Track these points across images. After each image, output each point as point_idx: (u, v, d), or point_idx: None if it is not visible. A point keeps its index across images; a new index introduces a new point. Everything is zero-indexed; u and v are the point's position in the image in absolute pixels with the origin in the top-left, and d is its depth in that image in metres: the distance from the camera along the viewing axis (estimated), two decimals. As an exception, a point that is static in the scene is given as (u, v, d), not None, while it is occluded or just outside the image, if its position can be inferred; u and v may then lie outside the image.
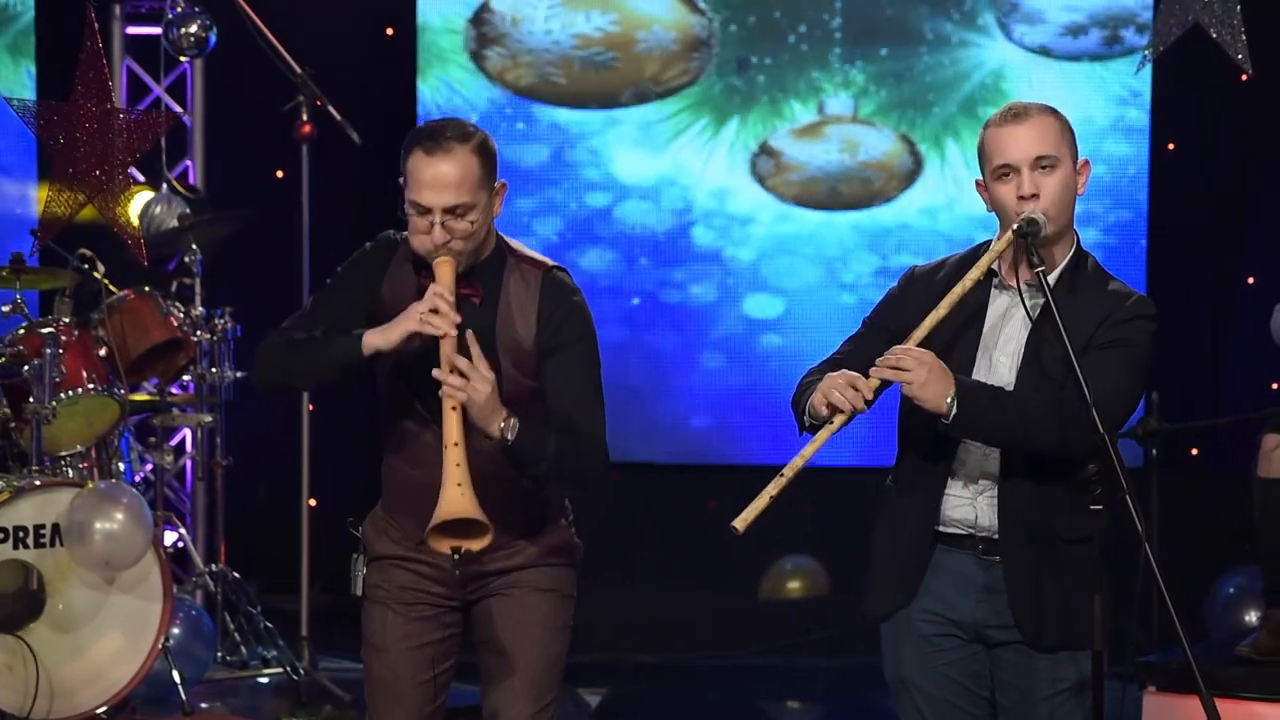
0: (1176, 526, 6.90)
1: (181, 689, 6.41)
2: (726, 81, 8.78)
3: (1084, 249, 4.07)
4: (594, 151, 8.81)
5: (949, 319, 3.92)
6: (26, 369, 6.33)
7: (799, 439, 3.94)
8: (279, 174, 8.40)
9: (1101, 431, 3.76)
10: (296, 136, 7.49)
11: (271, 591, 7.89)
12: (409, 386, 4.09)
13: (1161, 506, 6.26)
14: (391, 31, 8.87)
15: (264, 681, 7.21)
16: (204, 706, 6.67)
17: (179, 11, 7.62)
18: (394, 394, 4.15)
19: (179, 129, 8.19)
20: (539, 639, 4.17)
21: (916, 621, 4.04)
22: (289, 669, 7.09)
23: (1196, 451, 8.61)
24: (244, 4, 7.54)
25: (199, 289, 7.35)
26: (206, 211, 7.84)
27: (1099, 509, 3.79)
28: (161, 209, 7.68)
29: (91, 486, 6.13)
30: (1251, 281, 8.52)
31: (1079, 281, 4.01)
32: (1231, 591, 7.47)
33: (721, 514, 3.79)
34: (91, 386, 6.47)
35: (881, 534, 4.11)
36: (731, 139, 8.79)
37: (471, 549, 3.87)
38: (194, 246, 7.39)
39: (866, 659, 4.67)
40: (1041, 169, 3.96)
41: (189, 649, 6.66)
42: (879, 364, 3.86)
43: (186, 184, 8.23)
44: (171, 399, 7.50)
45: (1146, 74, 8.29)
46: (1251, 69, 6.29)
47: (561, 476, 4.06)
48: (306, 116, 7.47)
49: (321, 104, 7.47)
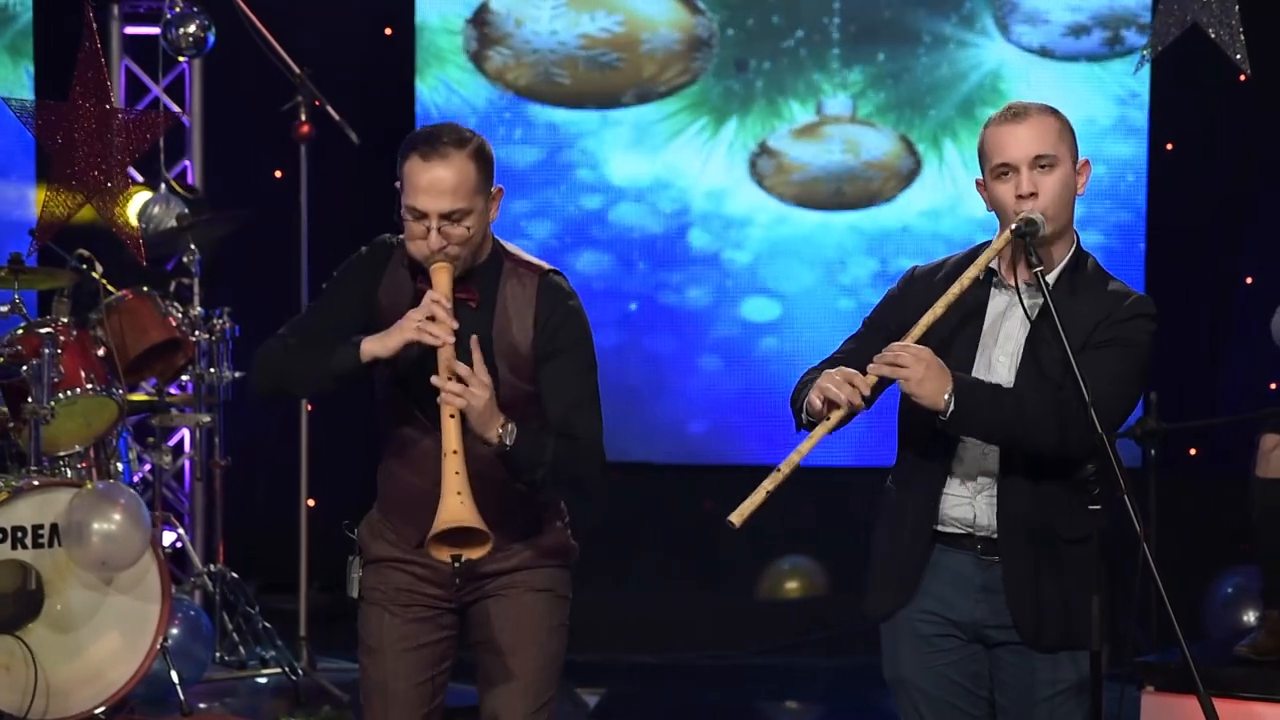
0: (1175, 527, 6.90)
1: (180, 689, 6.40)
2: (725, 82, 8.77)
3: (1084, 249, 4.07)
4: (594, 152, 8.80)
5: (947, 317, 3.92)
6: (25, 369, 6.32)
7: (797, 438, 3.93)
8: (277, 174, 8.40)
9: (1100, 431, 3.76)
10: (295, 136, 7.50)
11: (270, 591, 7.89)
12: (407, 392, 4.09)
13: (1160, 507, 6.26)
14: (390, 31, 8.87)
15: (262, 682, 7.20)
16: (202, 707, 6.67)
17: (177, 12, 7.63)
18: (391, 399, 4.14)
19: (177, 129, 8.18)
20: (535, 639, 4.17)
21: (915, 621, 4.04)
22: (287, 669, 7.09)
23: (1195, 451, 8.61)
24: (242, 4, 7.54)
25: (197, 289, 7.35)
26: (205, 211, 7.84)
27: (1097, 509, 3.79)
28: (160, 209, 7.68)
29: (90, 487, 6.12)
30: (1250, 281, 8.52)
31: (1078, 281, 4.00)
32: (1230, 591, 7.48)
33: (720, 514, 3.78)
34: (90, 387, 6.47)
35: (881, 534, 4.11)
36: (730, 139, 8.78)
37: (471, 557, 3.88)
38: (192, 246, 7.38)
39: (866, 659, 4.66)
40: (1040, 168, 3.96)
41: (187, 649, 6.65)
42: (876, 360, 3.86)
43: (185, 184, 8.23)
44: (170, 399, 7.51)
45: (1145, 74, 8.29)
46: (1250, 69, 6.29)
47: (559, 481, 4.06)
48: (305, 116, 7.47)
49: (320, 104, 7.47)
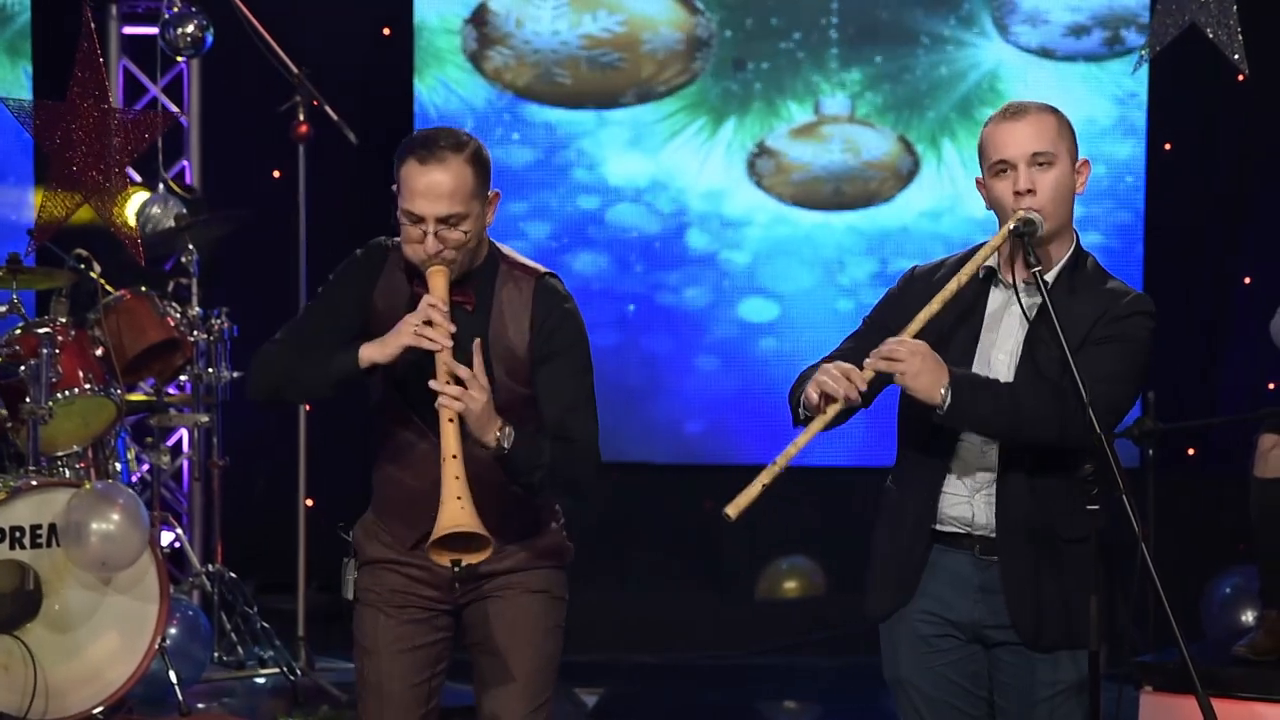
0: (1173, 527, 6.90)
1: (178, 689, 6.40)
2: (723, 82, 8.77)
3: (1084, 249, 4.06)
4: (593, 152, 8.79)
5: (944, 314, 3.92)
6: (23, 369, 6.32)
7: (794, 435, 3.93)
8: (276, 174, 8.39)
9: (1098, 432, 3.75)
10: (293, 136, 7.49)
11: (268, 591, 7.89)
12: (404, 395, 4.08)
13: (1158, 507, 6.26)
14: (388, 32, 8.87)
15: (261, 682, 7.20)
16: (201, 707, 6.67)
17: (176, 12, 7.62)
18: (388, 402, 4.14)
19: (175, 129, 8.17)
20: (532, 640, 4.17)
21: (915, 622, 4.04)
22: (286, 669, 7.09)
23: (1193, 452, 8.61)
24: (241, 4, 7.54)
25: (195, 289, 7.35)
26: (203, 211, 7.84)
27: (1096, 509, 3.79)
28: (158, 209, 7.68)
29: (88, 487, 6.12)
30: (1248, 281, 8.52)
31: (1077, 280, 4.00)
32: (1228, 592, 7.47)
33: (719, 514, 3.79)
34: (88, 387, 6.47)
35: (881, 534, 4.11)
36: (729, 139, 8.78)
37: (472, 562, 3.88)
38: (190, 246, 7.38)
39: (867, 659, 4.65)
40: (1038, 165, 3.96)
41: (185, 649, 6.65)
42: (873, 355, 3.86)
43: (183, 184, 8.22)
44: (168, 399, 7.51)
45: (1143, 74, 8.28)
46: (1248, 69, 6.29)
47: (555, 484, 4.06)
48: (303, 116, 7.47)
49: (318, 104, 7.47)
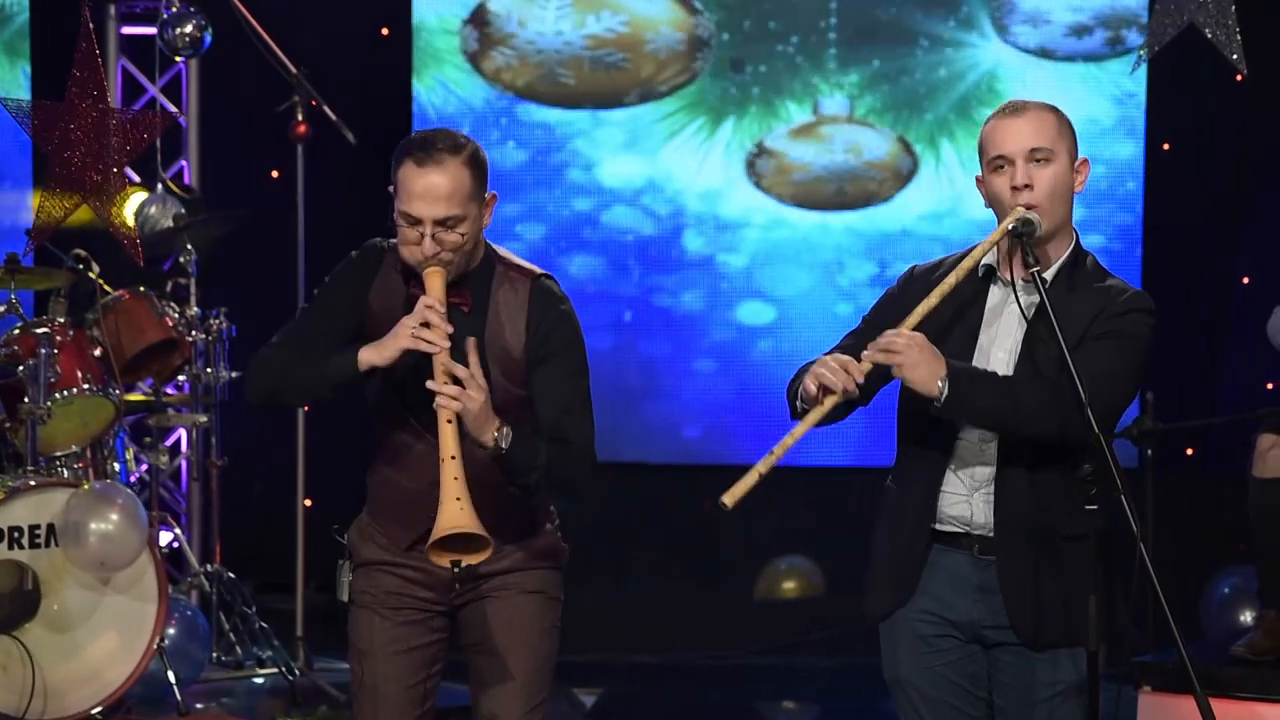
0: (1172, 527, 6.89)
1: (176, 689, 6.40)
2: (721, 82, 8.77)
3: (1083, 247, 4.06)
4: (592, 153, 8.79)
5: (942, 311, 3.93)
6: (21, 369, 6.32)
7: (792, 426, 3.92)
8: (274, 174, 8.39)
9: (1097, 431, 3.75)
10: (291, 136, 7.49)
11: (267, 591, 7.89)
12: (400, 397, 4.07)
13: (1157, 507, 6.26)
14: (387, 32, 8.87)
15: (259, 682, 7.19)
16: (199, 707, 6.67)
17: (174, 11, 7.62)
18: (385, 404, 4.13)
19: (174, 129, 8.17)
20: (528, 640, 4.16)
21: (914, 621, 4.04)
22: (284, 669, 7.08)
23: (1192, 452, 8.61)
24: (239, 4, 7.54)
25: (194, 289, 7.34)
26: (201, 211, 7.84)
27: (1094, 509, 3.79)
28: (156, 209, 7.68)
29: (87, 487, 6.12)
30: (1247, 281, 8.52)
31: (1076, 279, 4.00)
32: (1226, 591, 7.47)
33: (717, 514, 3.79)
34: (86, 387, 6.47)
35: (881, 534, 4.11)
36: (727, 139, 8.78)
37: (471, 562, 3.87)
38: (189, 246, 7.38)
39: (866, 659, 4.66)
40: (1036, 161, 3.96)
41: (184, 649, 6.65)
42: (870, 347, 3.86)
43: (181, 184, 8.22)
44: (166, 399, 7.50)
45: (1142, 74, 8.29)
46: (1247, 69, 6.29)
47: (551, 485, 4.06)
48: (301, 116, 7.46)
49: (316, 104, 7.47)
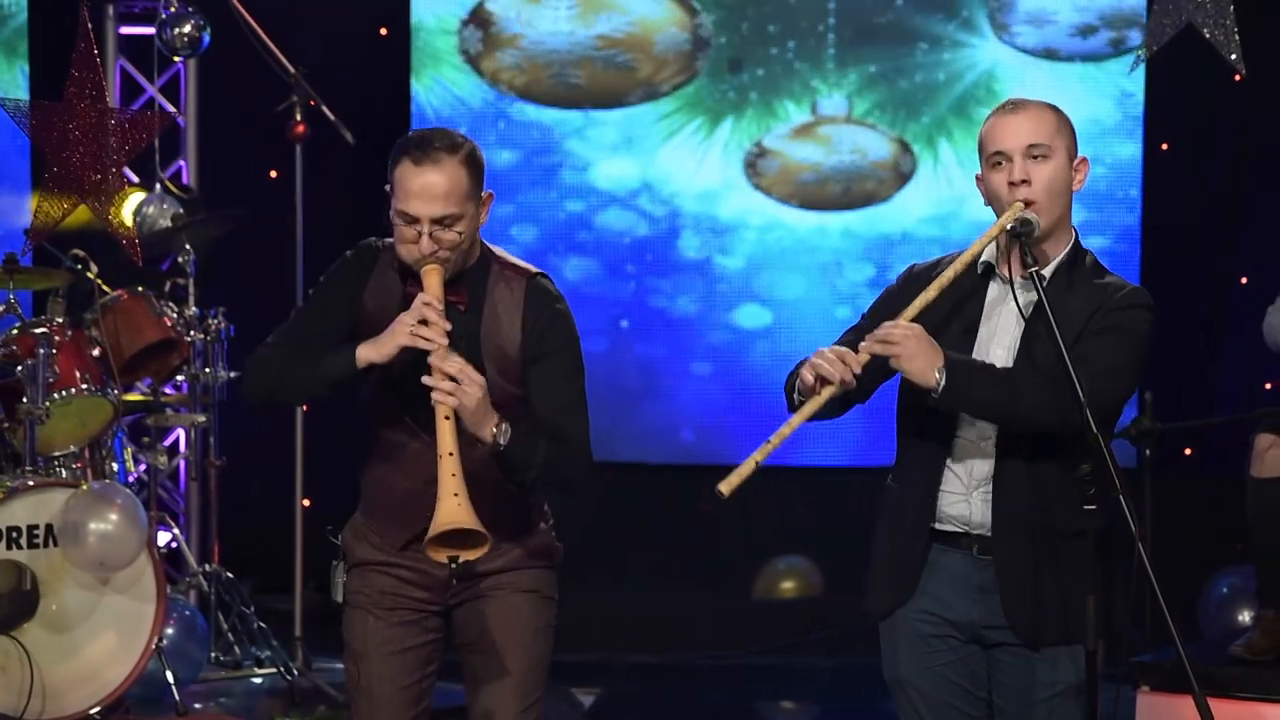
0: (1170, 526, 6.89)
1: (175, 689, 6.40)
2: (719, 83, 8.77)
3: (1083, 246, 4.06)
4: (590, 154, 8.79)
5: (942, 305, 3.93)
6: (20, 369, 6.32)
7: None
8: (272, 174, 8.39)
9: (1095, 432, 3.75)
10: (290, 136, 7.49)
11: (265, 591, 7.89)
12: (395, 394, 4.07)
13: (1155, 507, 6.26)
14: (385, 32, 8.87)
15: (258, 682, 7.19)
16: (197, 707, 6.67)
17: (172, 11, 7.62)
18: (380, 401, 4.13)
19: (172, 129, 8.17)
20: (523, 640, 4.16)
21: (914, 621, 4.04)
22: (283, 669, 7.08)
23: (1190, 452, 8.61)
24: (237, 4, 7.53)
25: (192, 289, 7.34)
26: (200, 211, 7.84)
27: (1093, 509, 3.79)
28: (155, 209, 7.68)
29: (86, 487, 6.12)
30: (1245, 281, 8.51)
31: (1075, 276, 4.01)
32: (1225, 591, 7.46)
33: (717, 514, 3.79)
34: (85, 387, 6.47)
35: (881, 533, 4.11)
36: (725, 140, 8.78)
37: (469, 558, 3.87)
38: (187, 246, 7.37)
39: (866, 659, 4.66)
40: (1034, 158, 3.96)
41: (182, 649, 6.65)
42: (868, 339, 3.87)
43: (180, 184, 8.22)
44: (165, 399, 7.50)
45: (1140, 74, 8.29)
46: (1245, 69, 6.29)
47: (549, 482, 4.06)
48: (300, 116, 7.46)
49: (315, 104, 7.46)
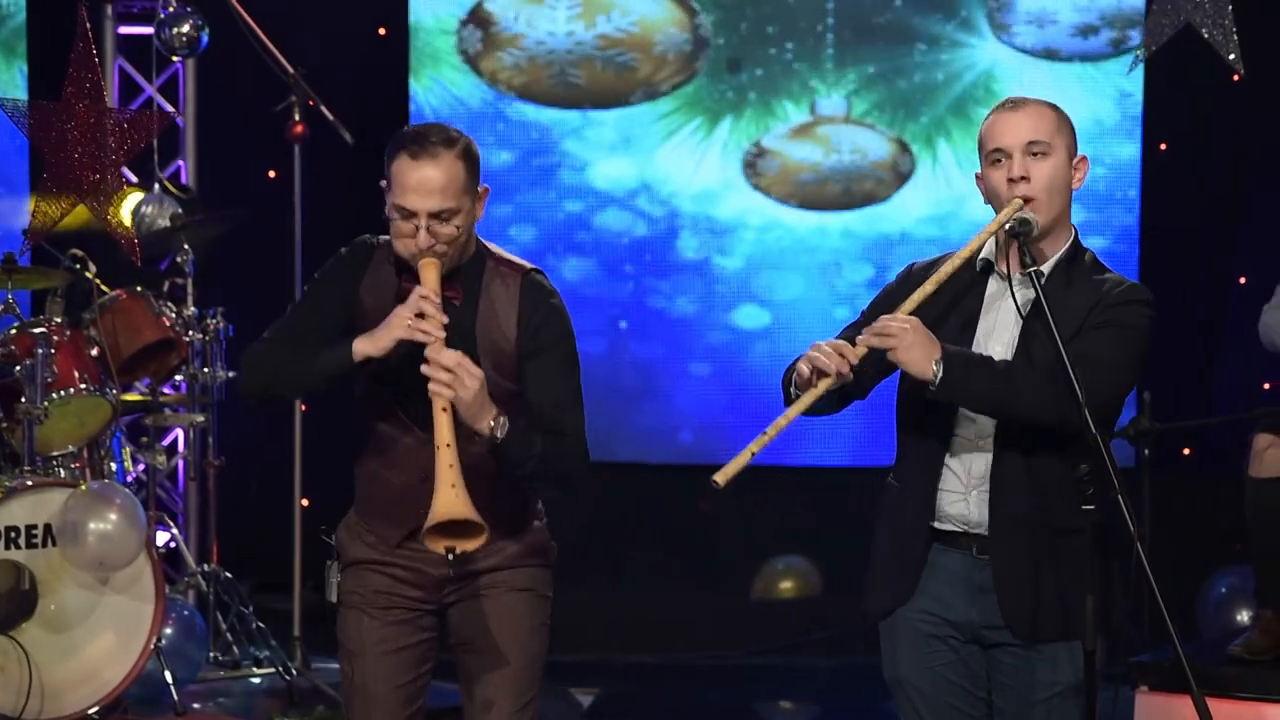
0: (1168, 526, 6.88)
1: (173, 689, 6.40)
2: (718, 83, 8.77)
3: (1082, 244, 4.06)
4: (588, 154, 8.79)
5: (940, 300, 3.94)
6: (18, 369, 6.32)
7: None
8: (271, 174, 8.39)
9: (1094, 432, 3.75)
10: (289, 136, 7.49)
11: (264, 591, 7.89)
12: (390, 389, 4.08)
13: (1153, 507, 6.26)
14: (384, 32, 8.87)
15: (256, 682, 7.19)
16: (196, 707, 6.67)
17: (171, 11, 7.62)
18: (374, 396, 4.13)
19: (171, 129, 8.17)
20: (517, 638, 4.17)
21: (914, 621, 4.04)
22: (281, 669, 7.08)
23: (1189, 452, 8.61)
24: (236, 4, 7.53)
25: (191, 289, 7.34)
26: (198, 211, 7.84)
27: (1091, 509, 3.79)
28: (153, 209, 7.68)
29: (85, 487, 6.12)
30: (1243, 281, 8.51)
31: (1074, 274, 4.01)
32: (1223, 591, 7.46)
33: (716, 514, 3.80)
34: (83, 386, 6.47)
35: (882, 532, 4.12)
36: (724, 139, 8.78)
37: (467, 549, 3.87)
38: (186, 246, 7.38)
39: (865, 659, 4.67)
40: (1033, 155, 3.96)
41: (181, 649, 6.65)
42: (865, 332, 3.87)
43: (178, 184, 8.22)
44: (163, 399, 7.50)
45: (1138, 74, 8.29)
46: (1244, 69, 6.29)
47: (547, 475, 4.06)
48: (299, 116, 7.46)
49: (314, 104, 7.46)
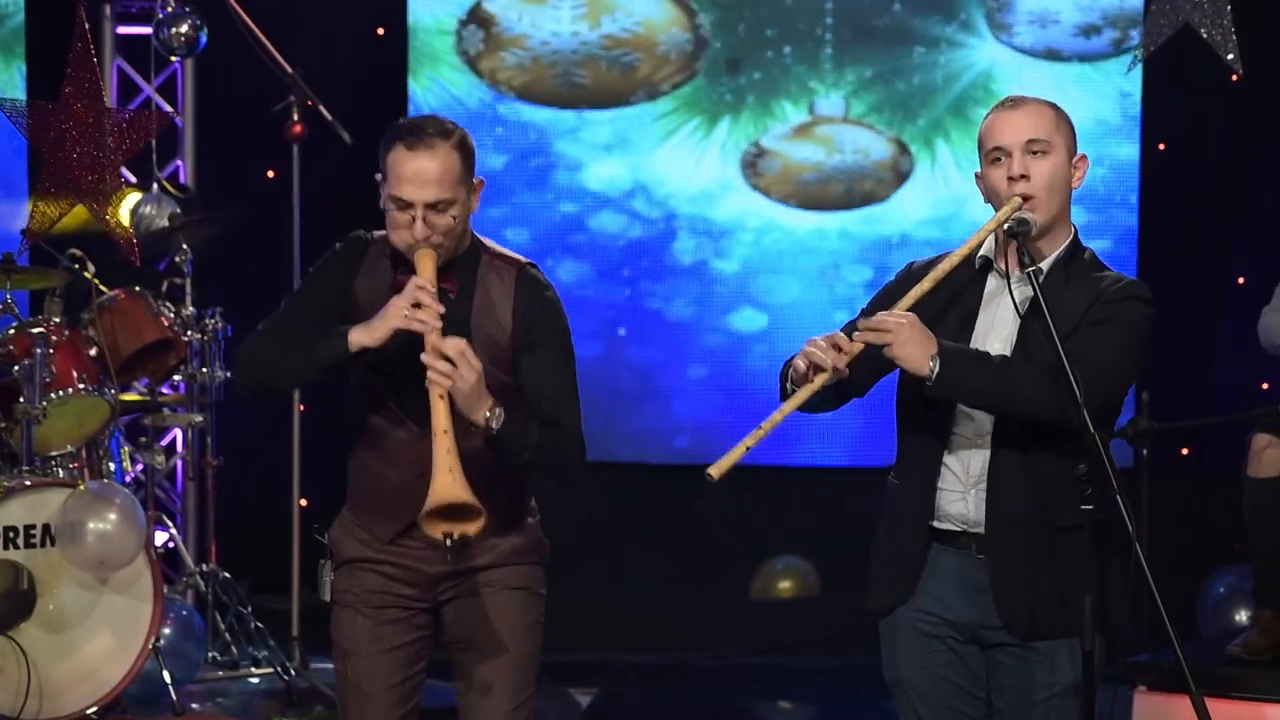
0: (1167, 527, 6.89)
1: (172, 689, 6.40)
2: (717, 83, 8.77)
3: (1081, 243, 4.06)
4: (586, 154, 8.79)
5: (938, 297, 3.94)
6: (17, 369, 6.31)
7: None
8: (270, 174, 8.38)
9: (1093, 432, 3.75)
10: (287, 136, 7.49)
11: (262, 591, 7.88)
12: (385, 381, 4.08)
13: (1152, 507, 6.26)
14: (382, 32, 8.87)
15: (255, 682, 7.19)
16: (195, 707, 6.66)
17: (169, 11, 7.61)
18: (369, 388, 4.13)
19: (170, 129, 8.17)
20: (512, 636, 4.16)
21: (914, 620, 4.04)
22: (280, 669, 7.08)
23: (1187, 451, 8.62)
24: (235, 4, 7.53)
25: (189, 289, 7.34)
26: (197, 211, 7.83)
27: (1089, 509, 3.79)
28: (152, 209, 7.68)
29: (84, 487, 6.12)
30: (1242, 281, 8.52)
31: (1073, 272, 4.01)
32: (1222, 591, 7.46)
33: (715, 514, 3.80)
34: (82, 386, 6.46)
35: (882, 530, 4.12)
36: (723, 140, 8.78)
37: (466, 533, 3.86)
38: (184, 246, 7.37)
39: (864, 659, 4.66)
40: (1033, 153, 3.96)
41: (180, 649, 6.65)
42: (862, 327, 3.87)
43: (177, 184, 8.22)
44: (162, 399, 7.50)
45: (1137, 74, 8.30)
46: (1242, 69, 6.29)
47: (543, 466, 4.07)
48: (297, 116, 7.46)
49: (312, 104, 7.46)
